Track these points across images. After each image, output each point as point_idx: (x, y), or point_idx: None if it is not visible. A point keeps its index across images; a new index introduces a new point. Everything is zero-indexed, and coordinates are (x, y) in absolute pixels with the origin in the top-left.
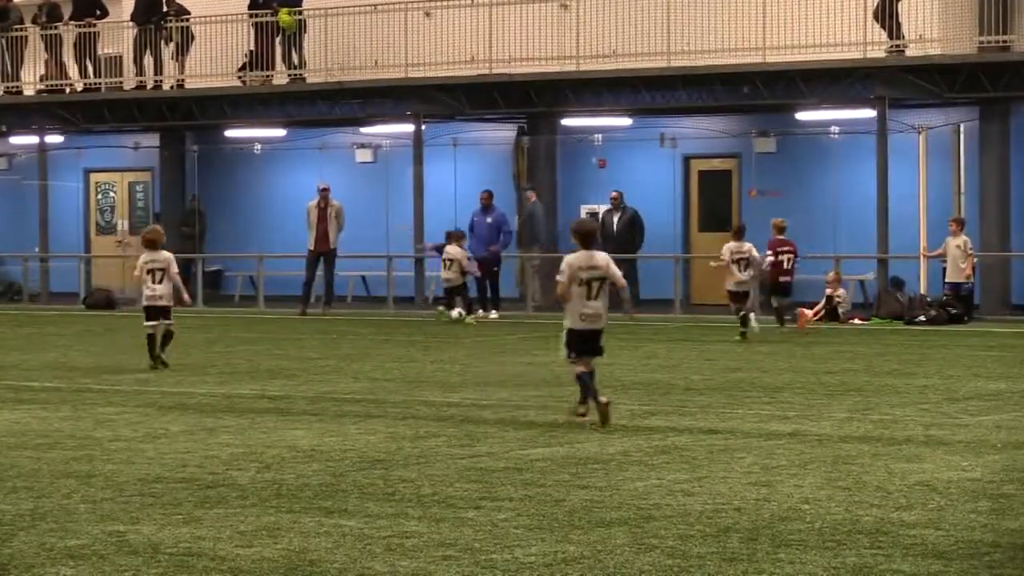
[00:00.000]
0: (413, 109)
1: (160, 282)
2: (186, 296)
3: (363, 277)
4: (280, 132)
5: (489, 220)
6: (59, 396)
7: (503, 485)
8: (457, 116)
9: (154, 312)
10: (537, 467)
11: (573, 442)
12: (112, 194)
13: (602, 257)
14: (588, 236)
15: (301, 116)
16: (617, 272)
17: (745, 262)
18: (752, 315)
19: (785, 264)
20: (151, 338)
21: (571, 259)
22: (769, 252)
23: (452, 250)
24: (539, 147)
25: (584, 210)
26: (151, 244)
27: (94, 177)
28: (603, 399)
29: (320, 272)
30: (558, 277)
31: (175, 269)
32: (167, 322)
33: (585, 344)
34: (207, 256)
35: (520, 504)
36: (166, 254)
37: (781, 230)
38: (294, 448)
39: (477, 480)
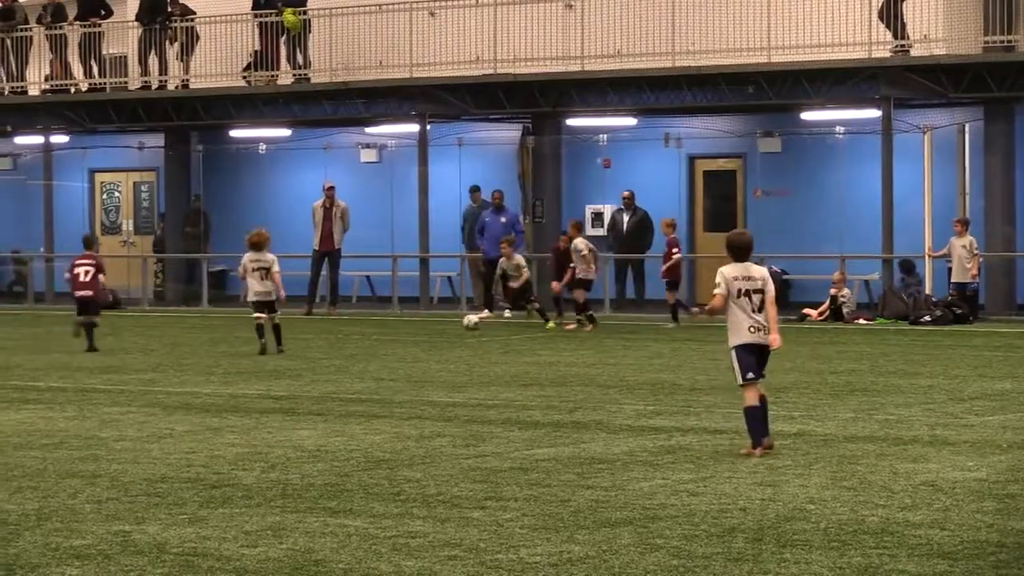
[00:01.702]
0: (418, 109)
1: (266, 279)
2: (283, 292)
3: (368, 277)
4: (285, 132)
5: (503, 220)
6: (64, 396)
7: (508, 485)
8: (462, 116)
9: (261, 306)
10: (542, 467)
11: (578, 442)
12: (117, 194)
13: (759, 270)
14: (744, 249)
15: (306, 116)
16: (772, 289)
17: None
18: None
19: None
20: (260, 328)
21: (726, 270)
22: (676, 250)
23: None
24: (544, 147)
25: (589, 210)
26: (256, 246)
27: (99, 177)
28: (767, 440)
29: (325, 272)
30: (715, 290)
31: (277, 269)
32: (273, 314)
33: (754, 362)
34: (212, 256)
35: (525, 504)
36: (270, 255)
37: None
38: (299, 448)
39: (482, 480)
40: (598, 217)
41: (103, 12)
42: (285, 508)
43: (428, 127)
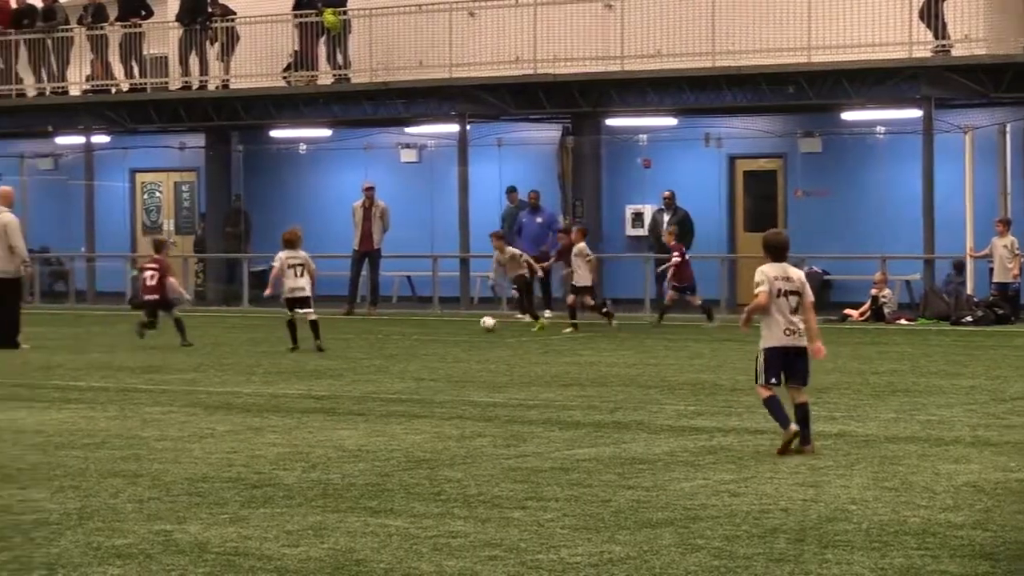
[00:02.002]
0: (458, 109)
1: (302, 276)
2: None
3: (408, 277)
4: (325, 132)
5: (539, 220)
6: (106, 396)
7: (549, 485)
8: (502, 116)
9: (295, 303)
10: (583, 467)
11: (619, 442)
12: (158, 194)
13: (796, 272)
14: (782, 249)
15: (346, 116)
16: (810, 293)
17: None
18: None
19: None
20: (292, 324)
21: (767, 269)
22: (676, 255)
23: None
24: (584, 147)
25: (629, 210)
26: (290, 243)
27: (140, 177)
28: (793, 427)
29: (365, 272)
30: (758, 289)
31: (313, 266)
32: (308, 310)
33: (788, 364)
34: (252, 256)
35: (566, 504)
36: (304, 252)
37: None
38: (340, 448)
39: (523, 480)
40: (638, 217)
41: (143, 12)
42: (326, 508)
43: (468, 127)
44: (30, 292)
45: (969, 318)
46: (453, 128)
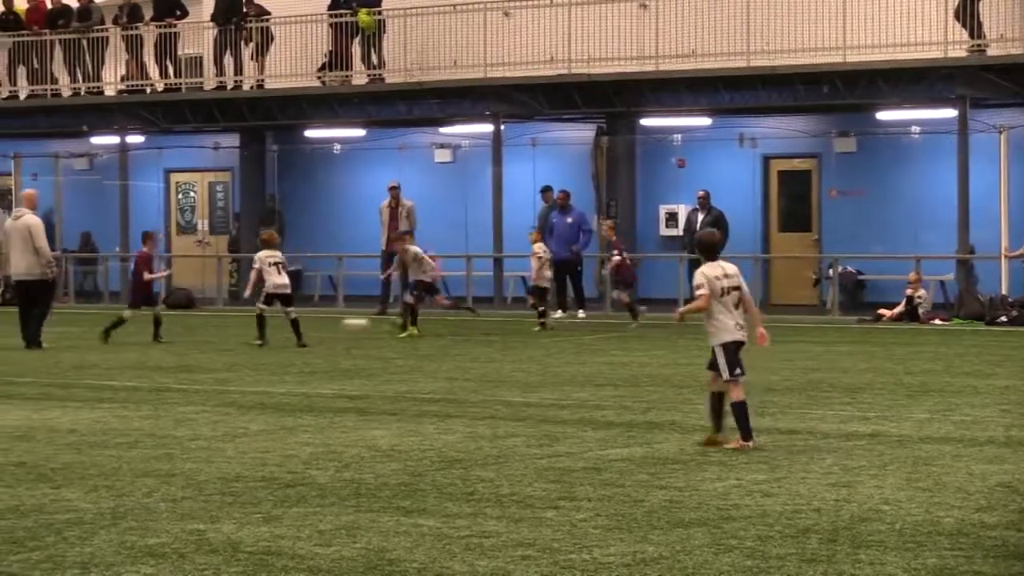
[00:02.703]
0: (492, 109)
1: (283, 273)
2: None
3: (442, 277)
4: (359, 132)
5: (569, 220)
6: (139, 395)
7: (582, 485)
8: (536, 116)
9: (279, 298)
10: (616, 467)
11: (652, 442)
12: (192, 194)
13: (732, 267)
14: (715, 248)
15: (380, 116)
16: (745, 286)
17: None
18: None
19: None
20: (262, 319)
21: (705, 270)
22: (616, 252)
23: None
24: (618, 147)
25: (663, 210)
26: (269, 244)
27: (175, 177)
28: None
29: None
30: (699, 291)
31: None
32: (289, 308)
33: (738, 359)
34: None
35: (599, 504)
36: (280, 252)
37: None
38: (373, 448)
39: (556, 480)
40: (672, 217)
41: (178, 12)
42: (359, 507)
43: (502, 127)
44: (64, 291)
45: (1004, 318)
46: (487, 128)
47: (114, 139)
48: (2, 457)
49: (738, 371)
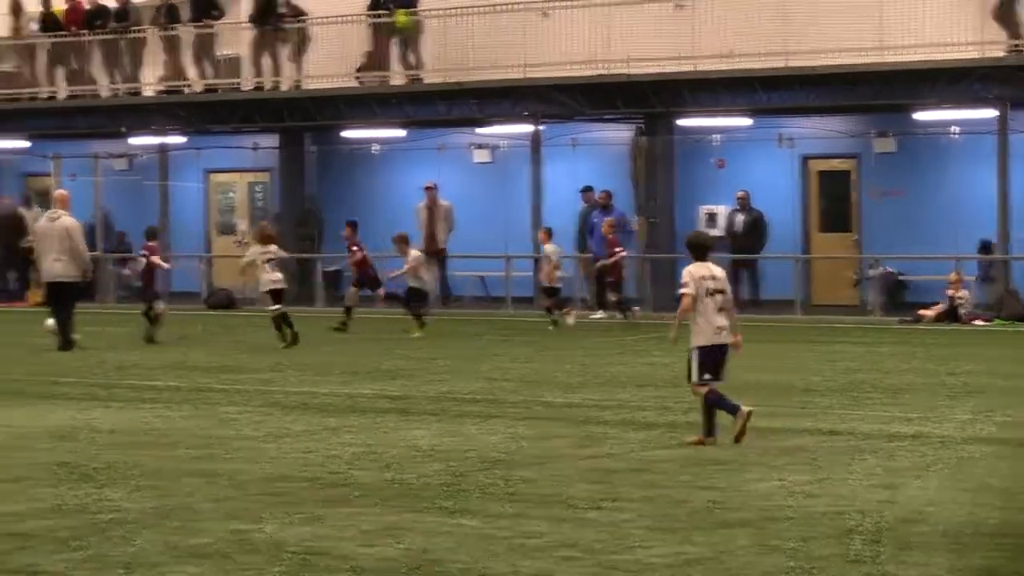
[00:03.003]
0: (531, 109)
1: (276, 269)
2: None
3: (481, 277)
4: (398, 132)
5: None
6: (181, 395)
7: (624, 486)
8: (575, 116)
9: (277, 295)
10: (658, 468)
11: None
12: (232, 194)
13: (719, 270)
14: (705, 248)
15: (418, 116)
16: (729, 288)
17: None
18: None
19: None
20: (286, 317)
21: (692, 269)
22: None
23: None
24: (657, 147)
25: (703, 211)
26: (265, 239)
27: (214, 178)
28: (745, 409)
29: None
30: (684, 290)
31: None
32: (278, 306)
33: (714, 364)
34: (325, 256)
35: (641, 505)
36: (274, 247)
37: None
38: (415, 448)
39: (598, 481)
40: (712, 218)
41: (215, 12)
42: (402, 508)
43: (541, 127)
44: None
45: None
46: (526, 128)
47: (153, 140)
48: (45, 457)
49: (707, 376)
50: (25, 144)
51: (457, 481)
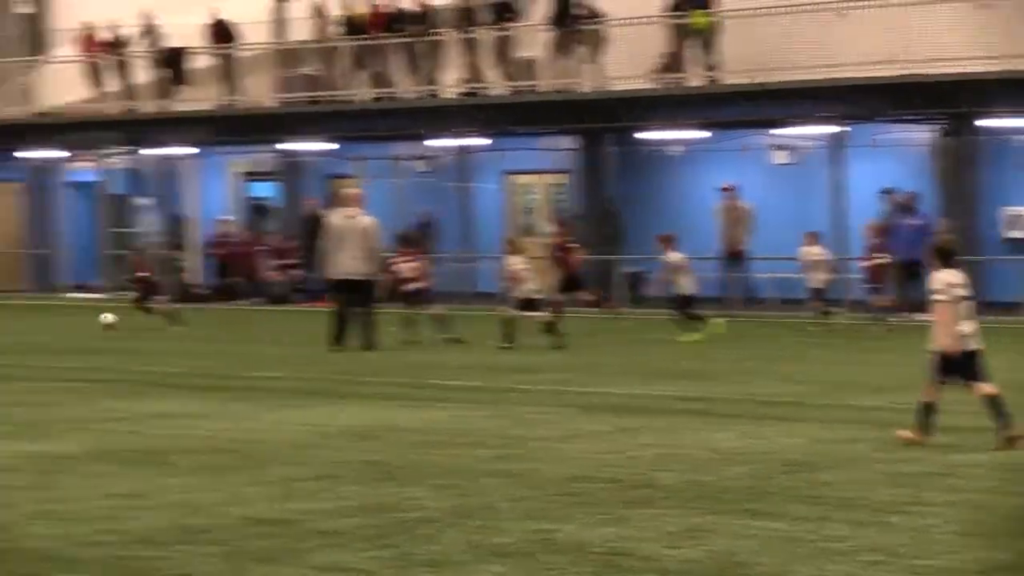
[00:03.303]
0: (831, 110)
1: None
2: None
3: (782, 279)
4: (698, 134)
5: (913, 222)
6: (480, 396)
7: (929, 490)
8: (876, 117)
9: (533, 304)
10: (963, 472)
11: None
12: (532, 196)
13: (964, 276)
14: (954, 255)
15: (716, 118)
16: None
17: None
18: None
19: None
20: (507, 322)
21: (944, 277)
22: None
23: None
24: (960, 148)
25: (1007, 213)
26: (520, 249)
27: (513, 180)
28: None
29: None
30: (939, 296)
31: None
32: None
33: (955, 369)
34: (626, 258)
35: (946, 509)
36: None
37: None
38: (715, 450)
39: (902, 485)
40: (1017, 220)
41: (507, 15)
42: (704, 510)
43: (842, 128)
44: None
45: None
46: (826, 129)
47: (451, 142)
48: (350, 456)
49: (943, 379)
50: (332, 146)
51: (760, 484)
